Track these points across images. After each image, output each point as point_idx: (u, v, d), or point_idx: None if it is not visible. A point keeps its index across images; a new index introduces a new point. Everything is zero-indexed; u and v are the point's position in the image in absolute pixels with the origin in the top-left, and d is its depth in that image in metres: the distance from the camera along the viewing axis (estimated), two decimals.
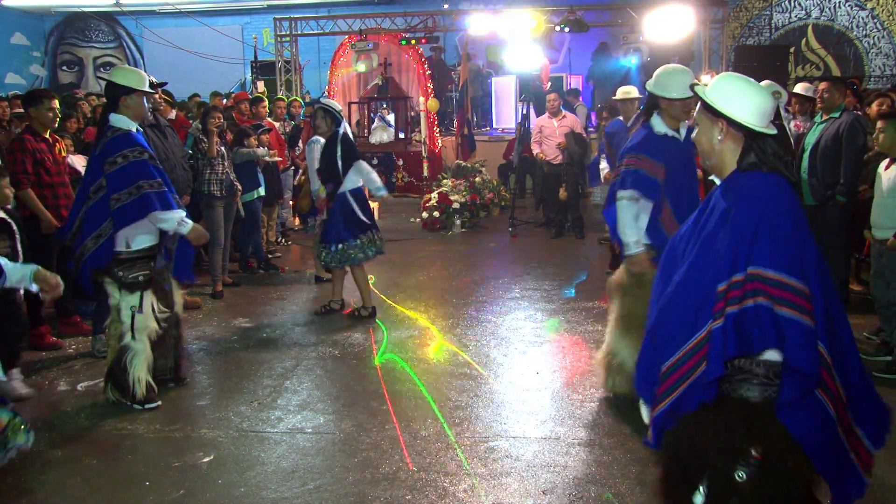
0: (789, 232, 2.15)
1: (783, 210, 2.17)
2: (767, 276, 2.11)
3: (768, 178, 2.24)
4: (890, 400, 4.32)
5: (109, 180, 4.24)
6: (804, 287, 2.11)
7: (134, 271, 4.33)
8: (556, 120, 9.18)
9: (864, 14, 15.39)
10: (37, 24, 19.21)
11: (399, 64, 14.26)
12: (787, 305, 2.09)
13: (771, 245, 2.14)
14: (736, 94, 2.28)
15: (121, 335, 4.36)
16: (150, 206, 4.23)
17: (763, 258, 2.13)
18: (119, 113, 4.34)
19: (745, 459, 2.17)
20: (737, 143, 2.30)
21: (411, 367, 5.01)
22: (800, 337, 2.09)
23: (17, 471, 3.71)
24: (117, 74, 4.41)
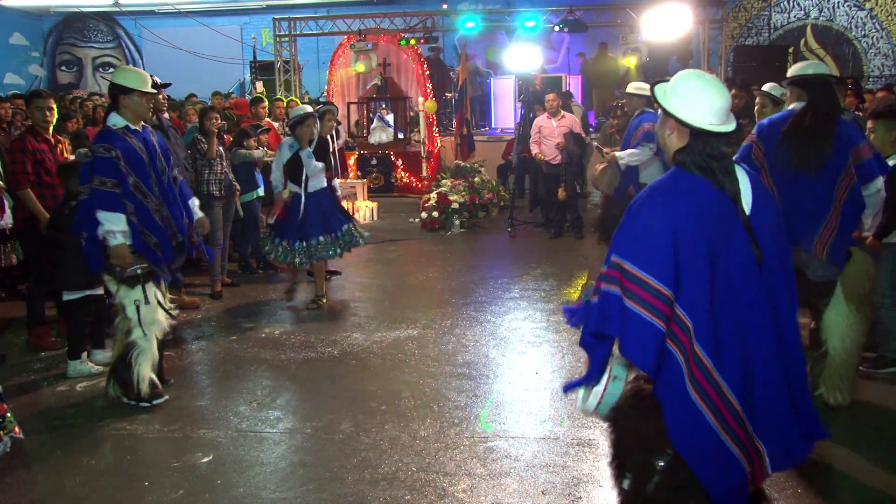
0: (662, 235, 2.18)
1: (667, 214, 2.20)
2: (625, 268, 2.19)
3: (679, 178, 2.29)
4: (884, 397, 4.37)
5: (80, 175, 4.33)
6: (662, 287, 2.15)
7: (131, 265, 4.31)
8: (554, 120, 9.18)
9: (862, 14, 15.41)
10: (36, 24, 19.21)
11: (398, 64, 14.27)
12: (635, 300, 2.15)
13: (635, 240, 2.21)
14: (687, 93, 2.33)
15: (128, 330, 4.35)
16: (93, 202, 4.21)
17: (625, 250, 2.22)
18: (119, 113, 4.36)
19: (660, 450, 2.25)
20: (682, 140, 2.35)
21: (410, 367, 5.01)
22: (637, 332, 2.15)
23: (17, 471, 3.71)
24: (118, 74, 4.43)
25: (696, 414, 2.18)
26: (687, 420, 2.19)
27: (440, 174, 11.36)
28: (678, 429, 2.20)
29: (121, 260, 4.26)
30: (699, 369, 2.18)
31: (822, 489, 3.39)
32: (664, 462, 2.23)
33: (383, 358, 5.22)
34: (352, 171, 12.90)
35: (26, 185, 5.26)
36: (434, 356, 5.22)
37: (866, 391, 4.42)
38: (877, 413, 4.24)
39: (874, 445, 3.79)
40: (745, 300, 2.24)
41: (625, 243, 2.23)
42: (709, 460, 2.20)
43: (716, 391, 2.19)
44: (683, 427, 2.20)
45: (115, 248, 4.23)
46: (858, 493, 3.41)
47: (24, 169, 5.25)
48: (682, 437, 2.20)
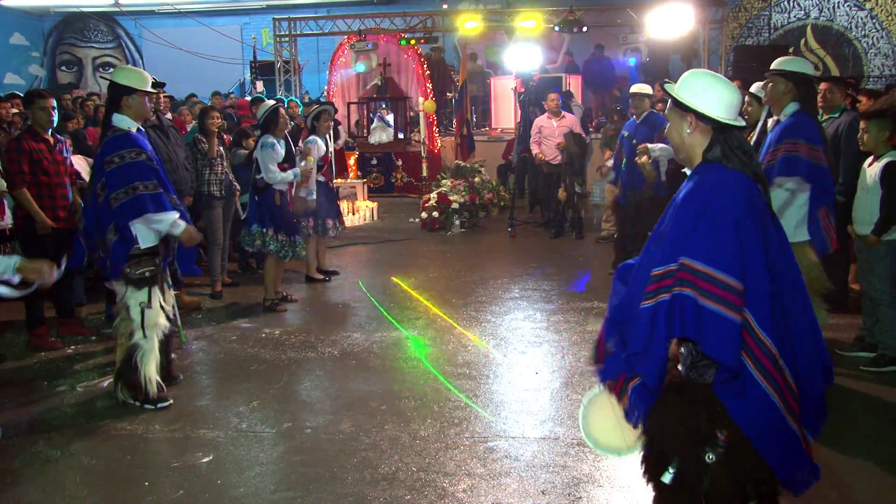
0: (727, 229, 2.21)
1: (727, 207, 2.24)
2: (697, 269, 2.19)
3: (724, 174, 2.32)
4: (881, 394, 4.37)
5: (108, 179, 4.28)
6: (735, 283, 2.17)
7: (140, 268, 4.34)
8: (555, 120, 9.18)
9: (862, 14, 15.40)
10: (36, 24, 19.20)
11: (398, 64, 14.27)
12: (712, 298, 2.17)
13: (706, 240, 2.22)
14: (703, 89, 2.37)
15: (130, 333, 4.37)
16: (143, 207, 4.26)
17: (697, 251, 2.21)
18: (121, 113, 4.37)
19: (712, 442, 2.25)
20: (705, 137, 2.38)
21: (410, 367, 5.00)
22: (719, 329, 2.15)
23: (16, 470, 3.71)
24: (119, 74, 4.44)
25: (766, 401, 2.21)
26: (759, 409, 2.21)
27: (440, 174, 11.36)
28: (751, 419, 2.22)
29: (193, 239, 4.61)
30: (766, 356, 2.21)
31: (821, 489, 3.38)
32: (715, 455, 2.24)
33: (383, 358, 5.21)
34: (352, 171, 12.90)
35: (22, 185, 5.26)
36: (434, 356, 5.22)
37: (866, 390, 4.42)
38: (876, 412, 4.24)
39: (874, 445, 3.79)
40: (783, 278, 2.30)
41: (691, 243, 2.23)
42: (777, 442, 2.24)
43: (781, 375, 2.23)
44: (756, 417, 2.22)
45: (185, 230, 4.44)
46: (858, 493, 3.41)
47: (20, 169, 5.25)
48: (756, 426, 2.22)
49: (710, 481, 2.25)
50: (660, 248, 2.32)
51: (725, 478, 2.24)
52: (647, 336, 2.25)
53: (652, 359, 2.26)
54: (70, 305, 5.87)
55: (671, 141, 2.51)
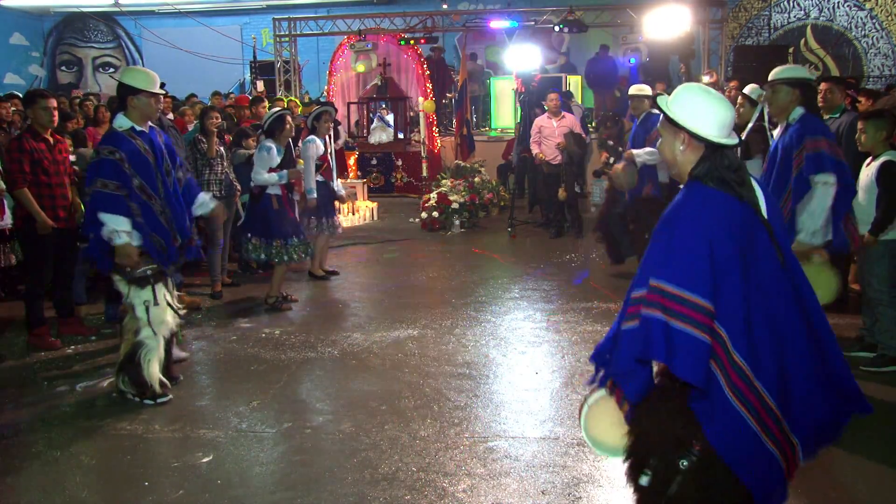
0: (699, 250, 2.21)
1: (700, 228, 2.24)
2: (666, 290, 2.20)
3: (704, 193, 2.31)
4: (880, 394, 4.37)
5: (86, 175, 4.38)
6: (705, 303, 2.18)
7: (140, 266, 4.35)
8: (555, 120, 9.18)
9: (862, 14, 15.40)
10: (36, 24, 19.20)
11: (398, 64, 14.27)
12: (680, 319, 2.17)
13: (677, 261, 2.22)
14: (696, 107, 2.35)
15: (136, 330, 4.39)
16: (96, 203, 4.26)
17: (666, 272, 2.22)
18: (126, 113, 4.39)
19: (686, 450, 2.26)
20: (696, 154, 2.37)
21: (410, 367, 5.00)
22: (687, 350, 2.16)
23: (17, 471, 3.71)
24: (126, 74, 4.46)
25: (738, 421, 2.22)
26: (730, 428, 2.22)
27: (440, 174, 11.36)
28: (722, 437, 2.22)
29: (127, 259, 4.31)
30: (738, 376, 2.22)
31: (821, 489, 3.38)
32: (688, 462, 2.25)
33: (383, 358, 5.21)
34: (352, 171, 12.90)
35: (23, 185, 5.26)
36: (434, 356, 5.22)
37: (866, 390, 4.41)
38: (876, 412, 4.23)
39: (874, 445, 3.79)
40: (776, 301, 2.29)
41: (662, 265, 2.24)
42: (752, 464, 2.25)
43: (756, 396, 2.23)
44: (726, 435, 2.22)
45: (119, 247, 4.28)
46: (858, 493, 3.41)
47: (21, 168, 5.25)
48: (727, 444, 2.23)
49: (678, 487, 2.26)
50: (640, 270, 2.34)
51: (693, 486, 2.26)
52: (626, 359, 2.28)
53: (635, 381, 2.30)
54: (70, 305, 5.86)
55: (664, 156, 2.50)
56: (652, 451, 2.33)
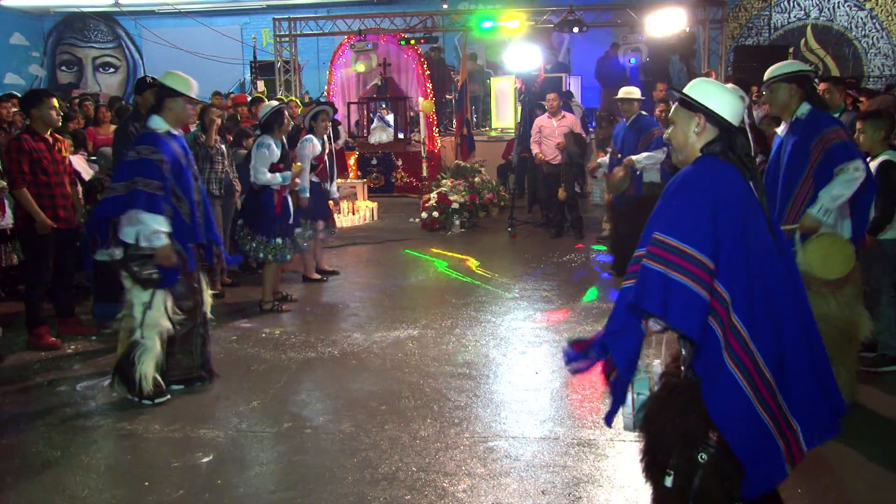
0: (702, 208, 2.27)
1: (705, 187, 2.31)
2: (667, 243, 2.25)
3: (714, 163, 2.39)
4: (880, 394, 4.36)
5: (116, 170, 4.36)
6: (706, 259, 2.22)
7: (147, 268, 4.35)
8: (555, 120, 9.18)
9: (862, 14, 15.40)
10: (36, 24, 19.20)
11: (398, 64, 14.27)
12: (680, 271, 2.21)
13: (678, 216, 2.28)
14: (714, 94, 2.46)
15: (131, 330, 4.39)
16: (134, 202, 4.24)
17: (668, 226, 2.27)
18: (160, 114, 4.43)
19: (704, 442, 2.28)
20: (709, 137, 2.45)
21: (410, 367, 5.00)
22: (686, 301, 2.20)
23: (17, 470, 3.71)
24: (168, 77, 4.51)
25: (732, 383, 2.23)
26: (724, 390, 2.24)
27: (440, 174, 11.36)
28: (715, 400, 2.24)
29: (166, 259, 4.33)
30: (736, 339, 2.24)
31: (821, 489, 3.38)
32: (707, 455, 2.26)
33: (383, 358, 5.21)
34: (352, 171, 12.91)
35: (22, 185, 5.26)
36: (434, 356, 5.22)
37: (866, 390, 4.42)
38: (877, 412, 4.24)
39: (874, 445, 3.79)
40: (773, 279, 2.33)
41: (666, 220, 2.29)
42: (742, 430, 2.25)
43: (751, 361, 2.25)
44: (721, 397, 2.24)
45: (161, 248, 4.31)
46: (858, 493, 3.41)
47: (21, 168, 5.25)
48: (720, 408, 2.24)
49: (700, 481, 2.27)
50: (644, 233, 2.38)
51: (715, 479, 2.26)
52: (624, 314, 2.31)
53: (628, 337, 2.32)
54: (70, 305, 5.86)
55: (674, 141, 2.56)
56: (669, 447, 2.33)
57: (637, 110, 7.15)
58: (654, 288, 2.21)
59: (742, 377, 2.24)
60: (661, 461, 2.35)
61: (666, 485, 2.32)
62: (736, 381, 2.23)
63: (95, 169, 6.83)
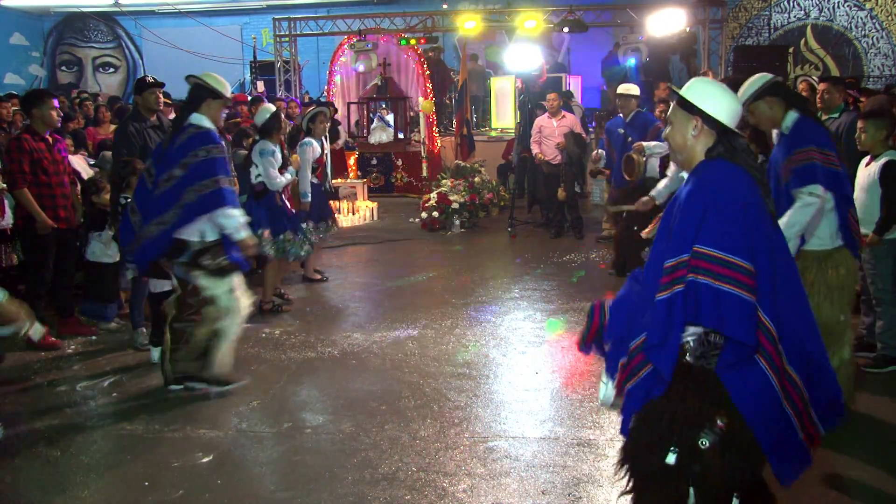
0: (736, 214, 2.27)
1: (731, 196, 2.30)
2: (710, 255, 2.24)
3: (727, 168, 2.38)
4: (881, 395, 4.36)
5: (190, 171, 4.37)
6: (748, 265, 2.22)
7: (218, 257, 4.43)
8: (555, 120, 9.18)
9: (862, 14, 15.40)
10: (36, 24, 19.20)
11: (398, 64, 14.27)
12: (728, 281, 2.21)
13: (717, 227, 2.27)
14: (711, 95, 2.46)
15: (216, 318, 4.45)
16: (223, 200, 4.37)
17: (708, 238, 2.26)
18: (200, 113, 4.48)
19: (709, 427, 2.28)
20: (708, 140, 2.45)
21: (410, 367, 5.01)
22: (738, 310, 2.20)
23: (16, 470, 3.71)
24: (209, 77, 4.58)
25: (765, 382, 2.25)
26: (756, 390, 2.26)
27: (440, 174, 11.36)
28: (748, 399, 2.26)
29: (251, 248, 4.55)
30: (766, 338, 2.25)
31: (821, 489, 3.38)
32: (709, 440, 2.27)
33: (383, 358, 5.21)
34: (352, 171, 12.90)
35: (23, 185, 5.26)
36: (434, 356, 5.22)
37: (866, 391, 4.42)
38: (877, 413, 4.24)
39: (874, 445, 3.79)
40: (784, 278, 2.35)
41: (702, 232, 2.28)
42: (772, 427, 2.28)
43: (780, 359, 2.27)
44: (753, 396, 2.26)
45: (246, 238, 4.49)
46: (858, 493, 3.41)
47: (21, 168, 5.25)
48: (751, 405, 2.26)
49: (701, 467, 2.28)
50: (668, 242, 2.36)
51: (717, 465, 2.27)
52: (664, 327, 2.28)
53: (669, 349, 2.29)
54: (70, 305, 5.86)
55: (672, 142, 2.56)
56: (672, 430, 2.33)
57: (635, 107, 7.15)
58: (706, 301, 2.21)
59: (774, 376, 2.26)
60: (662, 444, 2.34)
61: (668, 462, 2.32)
62: (769, 382, 2.26)
63: (96, 169, 6.82)
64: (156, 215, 4.38)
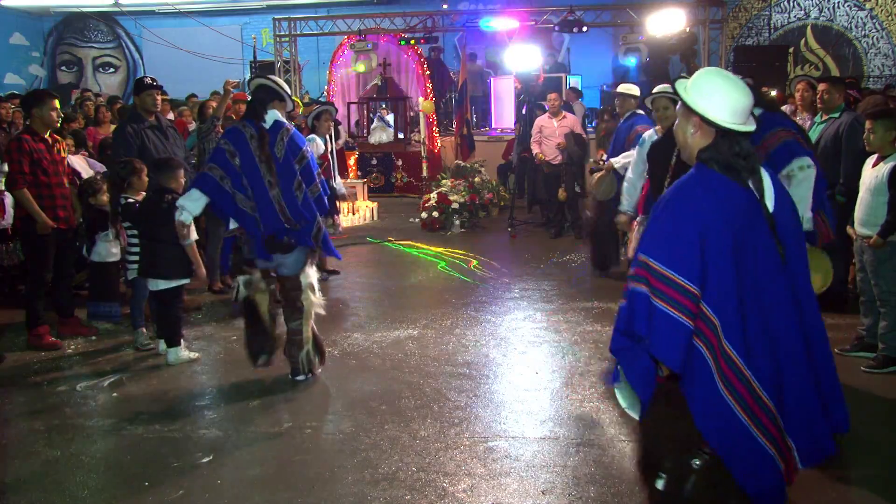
0: (690, 234, 2.18)
1: (695, 211, 2.21)
2: (652, 266, 2.19)
3: (706, 178, 2.28)
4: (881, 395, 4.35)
5: (302, 174, 4.58)
6: (691, 286, 2.14)
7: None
8: (555, 120, 9.18)
9: (862, 14, 15.41)
10: (36, 24, 19.21)
11: (398, 64, 14.28)
12: (663, 299, 2.15)
13: (664, 239, 2.21)
14: (711, 92, 2.31)
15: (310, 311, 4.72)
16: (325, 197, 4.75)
17: (653, 249, 2.21)
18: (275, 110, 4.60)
19: (698, 449, 2.25)
20: (707, 139, 2.34)
21: (410, 367, 5.00)
22: (666, 330, 2.14)
23: (16, 471, 3.71)
24: (278, 81, 4.71)
25: (726, 410, 2.19)
26: (717, 416, 2.19)
27: (440, 174, 11.36)
28: (708, 425, 2.20)
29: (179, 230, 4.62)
30: (728, 366, 2.18)
31: (821, 489, 3.38)
32: (701, 461, 2.23)
33: (383, 358, 5.21)
34: (352, 171, 12.91)
35: (23, 185, 5.26)
36: (434, 356, 5.22)
37: (867, 391, 4.41)
38: (877, 413, 4.24)
39: (875, 445, 3.79)
40: (770, 297, 2.25)
41: (652, 242, 2.23)
42: (742, 457, 2.20)
43: (746, 388, 2.19)
44: (714, 423, 2.20)
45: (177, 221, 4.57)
46: (858, 493, 3.41)
47: (21, 169, 5.25)
48: (713, 433, 2.20)
49: (693, 486, 2.24)
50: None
51: (706, 485, 2.24)
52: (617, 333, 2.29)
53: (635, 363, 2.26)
54: (70, 305, 5.86)
55: (677, 138, 2.46)
56: (665, 453, 2.31)
57: (633, 108, 7.14)
58: (639, 310, 2.17)
59: (736, 404, 2.18)
60: (655, 464, 2.34)
61: (657, 487, 2.31)
62: (730, 408, 2.18)
63: (96, 168, 6.82)
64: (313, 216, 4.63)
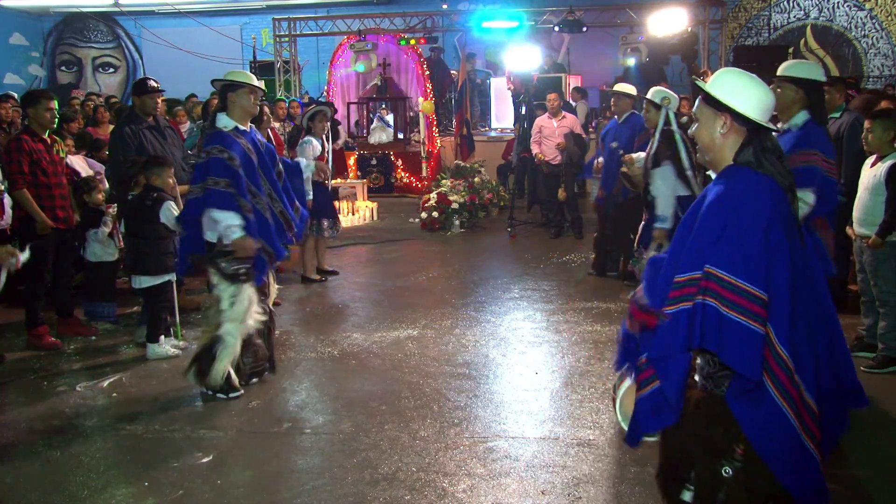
0: (755, 238, 2.14)
1: (755, 215, 2.17)
2: (722, 278, 2.13)
3: (754, 180, 2.23)
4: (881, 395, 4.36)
5: (192, 174, 4.49)
6: (760, 293, 2.11)
7: (234, 264, 4.38)
8: (555, 120, 9.17)
9: (862, 14, 15.41)
10: (35, 24, 19.21)
11: (398, 64, 14.29)
12: (736, 309, 2.10)
13: (733, 249, 2.14)
14: (740, 89, 2.28)
15: (218, 324, 4.40)
16: (206, 202, 4.35)
17: (722, 260, 2.14)
18: (227, 112, 4.49)
19: (729, 456, 2.20)
20: (738, 138, 2.29)
21: (410, 367, 5.01)
22: (742, 341, 2.09)
23: (17, 471, 3.71)
24: (229, 74, 4.59)
25: (779, 416, 2.15)
26: (770, 423, 2.15)
27: (440, 174, 11.37)
28: (761, 433, 2.16)
29: (245, 251, 4.39)
30: (781, 369, 2.15)
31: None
32: (732, 469, 2.19)
33: (383, 358, 5.21)
34: (352, 171, 12.91)
35: (22, 186, 5.26)
36: (434, 356, 5.22)
37: (866, 391, 4.41)
38: (877, 413, 4.24)
39: (875, 445, 3.79)
40: (803, 292, 2.23)
41: (717, 251, 2.15)
42: (789, 459, 2.18)
43: (796, 391, 2.16)
44: (767, 431, 2.16)
45: (237, 241, 4.37)
46: (858, 494, 3.41)
47: (21, 169, 5.25)
48: (766, 440, 2.16)
49: (725, 496, 2.19)
50: (684, 252, 2.25)
51: (742, 493, 2.19)
52: (667, 343, 2.20)
53: (673, 366, 2.21)
54: (70, 305, 5.86)
55: (699, 141, 2.40)
56: (692, 462, 2.25)
57: (630, 108, 7.14)
58: (710, 326, 2.11)
59: (790, 409, 2.15)
60: (681, 474, 2.28)
61: (684, 499, 2.26)
62: (784, 415, 2.15)
63: (96, 168, 6.82)
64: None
